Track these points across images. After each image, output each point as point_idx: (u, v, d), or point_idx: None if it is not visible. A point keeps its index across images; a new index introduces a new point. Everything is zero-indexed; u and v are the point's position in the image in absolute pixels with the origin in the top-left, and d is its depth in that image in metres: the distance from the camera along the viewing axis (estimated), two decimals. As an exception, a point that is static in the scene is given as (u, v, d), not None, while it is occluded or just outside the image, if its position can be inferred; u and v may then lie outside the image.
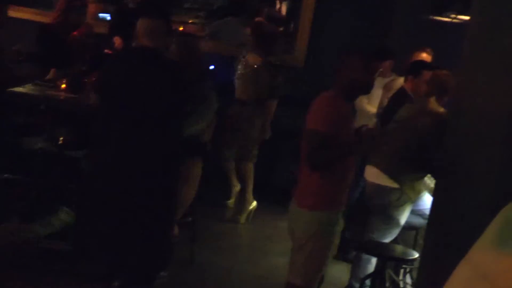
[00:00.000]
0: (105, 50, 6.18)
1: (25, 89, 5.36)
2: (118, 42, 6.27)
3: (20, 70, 5.64)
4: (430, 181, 4.89)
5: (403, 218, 4.72)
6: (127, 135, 4.13)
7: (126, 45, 6.00)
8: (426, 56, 6.03)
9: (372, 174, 4.82)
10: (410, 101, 5.17)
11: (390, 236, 4.75)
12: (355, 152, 3.78)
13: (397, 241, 4.87)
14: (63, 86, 5.49)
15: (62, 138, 5.18)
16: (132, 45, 4.96)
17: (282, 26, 7.86)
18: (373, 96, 6.01)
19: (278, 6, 8.60)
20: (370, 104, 6.24)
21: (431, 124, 4.59)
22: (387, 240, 4.72)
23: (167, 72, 4.25)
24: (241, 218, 6.47)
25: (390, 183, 4.66)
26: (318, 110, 3.64)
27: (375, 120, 5.83)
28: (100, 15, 7.48)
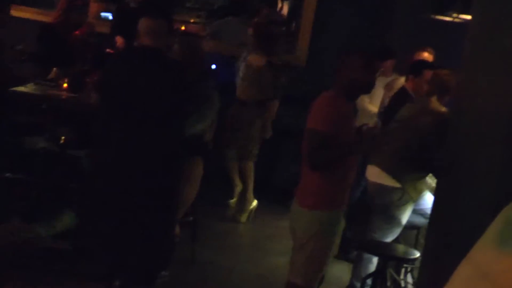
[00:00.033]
0: (106, 50, 6.19)
1: (26, 88, 5.36)
2: (120, 41, 6.27)
3: (21, 70, 5.65)
4: (431, 180, 4.88)
5: (405, 217, 4.72)
6: (128, 135, 4.13)
7: (127, 44, 6.00)
8: (427, 55, 6.02)
9: (373, 174, 4.82)
10: (411, 100, 5.16)
11: (392, 235, 4.75)
12: (356, 151, 3.78)
13: (398, 240, 4.87)
14: (65, 85, 5.50)
15: (63, 138, 5.18)
16: (133, 44, 4.96)
17: (283, 27, 7.85)
18: (374, 95, 6.01)
19: (279, 6, 8.59)
20: (372, 103, 6.24)
21: (432, 123, 4.59)
22: (389, 239, 4.71)
23: (169, 71, 4.25)
24: (242, 218, 6.47)
25: (392, 183, 4.65)
26: (319, 110, 3.64)
27: (377, 119, 5.82)
28: (102, 15, 7.49)
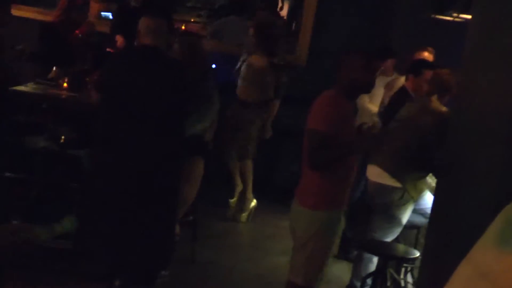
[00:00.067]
0: (106, 49, 6.19)
1: (27, 88, 5.36)
2: (120, 41, 6.27)
3: (22, 69, 5.65)
4: (431, 180, 4.88)
5: (405, 217, 4.72)
6: (128, 135, 4.12)
7: (128, 44, 6.00)
8: (427, 55, 6.02)
9: (374, 173, 4.82)
10: (411, 100, 5.16)
11: (392, 235, 4.75)
12: (356, 151, 3.77)
13: (398, 240, 4.87)
14: (65, 84, 5.50)
15: (63, 137, 5.17)
16: (134, 44, 4.96)
17: (282, 27, 7.80)
18: (374, 95, 6.01)
19: (280, 5, 8.59)
20: (372, 103, 6.24)
21: (433, 123, 4.59)
22: (389, 239, 4.71)
23: (169, 71, 4.25)
24: (242, 217, 6.47)
25: (392, 182, 4.65)
26: (319, 110, 3.64)
27: (377, 119, 5.82)
28: (102, 14, 7.48)
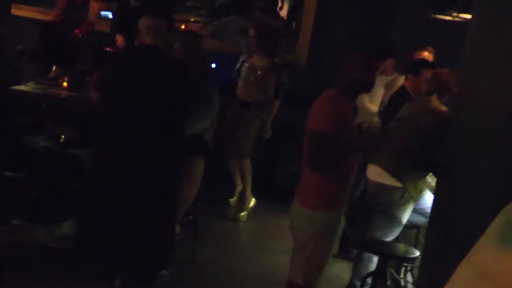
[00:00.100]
0: (106, 48, 6.18)
1: (26, 87, 5.36)
2: (120, 40, 6.27)
3: (22, 69, 5.64)
4: (431, 179, 4.88)
5: (405, 216, 4.72)
6: (128, 134, 4.11)
7: (128, 43, 5.99)
8: (427, 54, 6.02)
9: (374, 173, 4.82)
10: (410, 99, 5.16)
11: (392, 234, 4.75)
12: (356, 150, 3.76)
13: (398, 239, 4.87)
14: (65, 84, 5.49)
15: (63, 136, 5.17)
16: (134, 43, 4.96)
17: (282, 27, 7.79)
18: (374, 94, 6.01)
19: (280, 5, 8.58)
20: (372, 102, 6.24)
21: (433, 122, 4.58)
22: (389, 238, 4.71)
23: (169, 71, 4.24)
24: (242, 217, 6.47)
25: (393, 182, 4.65)
26: (319, 110, 3.63)
27: (377, 118, 5.82)
28: (102, 13, 7.49)
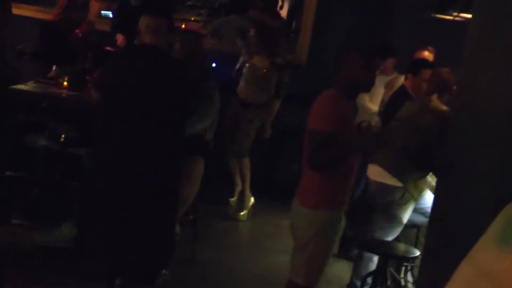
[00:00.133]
0: (106, 48, 6.18)
1: (27, 86, 5.36)
2: (120, 39, 6.27)
3: (23, 69, 5.64)
4: (431, 179, 4.88)
5: (406, 216, 4.71)
6: (128, 134, 4.11)
7: (128, 42, 6.00)
8: (428, 54, 6.02)
9: (375, 173, 4.81)
10: (410, 99, 5.15)
11: (392, 234, 4.74)
12: (356, 150, 3.75)
13: (398, 239, 4.87)
14: (65, 83, 5.50)
15: (64, 136, 5.18)
16: (134, 43, 4.96)
17: (282, 27, 7.78)
18: (375, 94, 6.01)
19: (280, 4, 8.59)
20: (372, 102, 6.24)
21: (433, 122, 4.58)
22: (389, 238, 4.71)
23: (169, 70, 4.24)
24: (242, 216, 6.47)
25: (394, 182, 4.65)
26: (319, 110, 3.63)
27: (377, 118, 5.82)
28: (102, 13, 7.49)
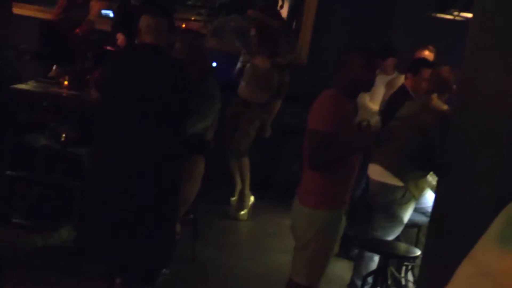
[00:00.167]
0: (107, 47, 6.18)
1: (27, 86, 5.37)
2: (121, 39, 6.27)
3: (24, 68, 5.64)
4: (432, 178, 4.88)
5: (407, 216, 4.71)
6: (128, 134, 4.11)
7: (128, 42, 5.99)
8: (428, 53, 6.01)
9: (376, 172, 4.81)
10: (410, 99, 5.15)
11: (393, 234, 4.74)
12: (356, 150, 3.74)
13: (399, 238, 4.86)
14: (66, 83, 5.51)
15: (64, 135, 5.18)
16: (134, 42, 4.95)
17: (282, 27, 7.78)
18: (375, 93, 6.01)
19: (280, 4, 8.58)
20: (372, 101, 6.23)
21: (434, 121, 4.58)
22: (390, 238, 4.71)
23: (170, 70, 4.23)
24: (242, 215, 6.46)
25: (394, 181, 4.64)
26: (319, 110, 3.62)
27: (378, 117, 5.82)
28: (103, 12, 7.48)
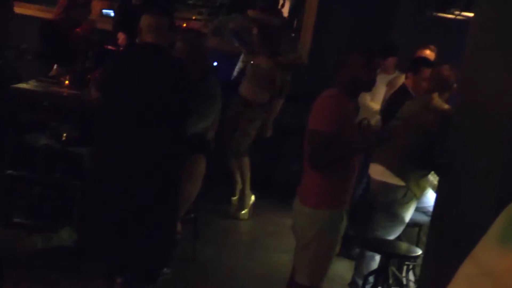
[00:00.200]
0: (107, 46, 6.18)
1: (28, 85, 5.37)
2: (122, 38, 6.27)
3: (25, 68, 5.64)
4: (433, 178, 4.88)
5: (408, 215, 4.71)
6: (129, 133, 4.11)
7: (129, 41, 5.99)
8: (429, 53, 6.01)
9: (377, 172, 4.81)
10: (411, 98, 5.15)
11: (394, 233, 4.74)
12: (356, 150, 3.73)
13: (400, 238, 4.87)
14: (66, 82, 5.51)
15: (65, 135, 5.17)
16: (135, 41, 4.95)
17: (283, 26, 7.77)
18: (376, 93, 6.00)
19: (281, 3, 8.58)
20: (373, 101, 6.23)
21: (434, 120, 4.58)
22: (391, 237, 4.71)
23: (171, 69, 4.23)
24: (243, 214, 6.46)
25: (396, 181, 4.64)
26: (320, 109, 3.62)
27: (379, 117, 5.81)
28: (104, 12, 7.49)
